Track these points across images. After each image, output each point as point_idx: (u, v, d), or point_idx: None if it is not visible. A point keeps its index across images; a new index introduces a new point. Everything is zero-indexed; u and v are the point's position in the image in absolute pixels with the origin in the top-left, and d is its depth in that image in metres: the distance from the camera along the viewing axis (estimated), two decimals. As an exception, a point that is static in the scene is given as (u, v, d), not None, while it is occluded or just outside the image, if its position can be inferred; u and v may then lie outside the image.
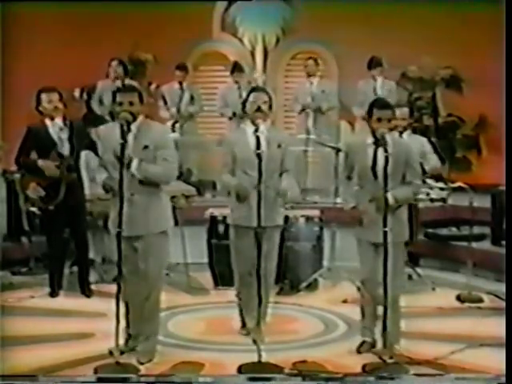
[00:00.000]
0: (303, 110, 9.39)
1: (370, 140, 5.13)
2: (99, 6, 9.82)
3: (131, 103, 4.92)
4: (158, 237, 5.05)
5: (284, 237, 6.28)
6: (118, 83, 8.85)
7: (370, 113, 5.15)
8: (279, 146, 5.38)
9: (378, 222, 4.94)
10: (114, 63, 9.25)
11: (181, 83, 9.50)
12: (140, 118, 4.98)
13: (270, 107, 5.42)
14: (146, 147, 4.94)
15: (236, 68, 9.58)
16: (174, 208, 5.67)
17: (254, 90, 5.55)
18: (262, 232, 5.06)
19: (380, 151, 5.03)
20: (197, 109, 9.57)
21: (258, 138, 5.11)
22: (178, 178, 5.96)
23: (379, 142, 5.02)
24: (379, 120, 5.07)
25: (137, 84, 8.07)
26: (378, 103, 5.22)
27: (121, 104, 4.93)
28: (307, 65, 9.57)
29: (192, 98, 9.53)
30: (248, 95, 5.47)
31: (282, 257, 6.08)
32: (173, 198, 6.78)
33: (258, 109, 5.30)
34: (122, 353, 4.93)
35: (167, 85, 9.52)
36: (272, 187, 5.33)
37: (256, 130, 5.17)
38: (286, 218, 6.85)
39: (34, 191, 6.58)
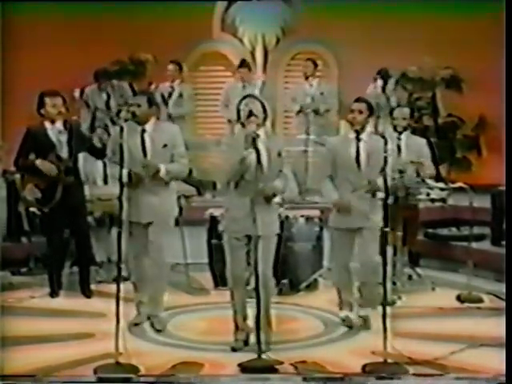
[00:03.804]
0: (301, 110, 9.38)
1: (352, 135, 5.72)
2: (99, 7, 9.83)
3: (139, 105, 5.61)
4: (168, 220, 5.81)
5: (281, 239, 6.20)
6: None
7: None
8: (279, 154, 5.28)
9: (356, 209, 5.65)
10: None
11: (172, 81, 9.47)
12: (153, 120, 5.70)
13: (265, 116, 5.28)
14: (165, 146, 5.65)
15: (243, 64, 9.58)
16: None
17: (245, 97, 5.45)
18: (256, 239, 5.12)
19: (362, 144, 5.66)
20: (187, 110, 9.43)
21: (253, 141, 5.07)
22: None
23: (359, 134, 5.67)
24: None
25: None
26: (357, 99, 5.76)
27: (131, 105, 5.64)
28: (305, 66, 9.58)
29: (181, 96, 9.41)
30: (240, 102, 5.35)
31: (279, 257, 6.04)
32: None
33: (250, 113, 5.17)
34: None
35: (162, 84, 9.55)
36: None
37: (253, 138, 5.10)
38: (286, 219, 6.87)
39: (30, 192, 6.58)
